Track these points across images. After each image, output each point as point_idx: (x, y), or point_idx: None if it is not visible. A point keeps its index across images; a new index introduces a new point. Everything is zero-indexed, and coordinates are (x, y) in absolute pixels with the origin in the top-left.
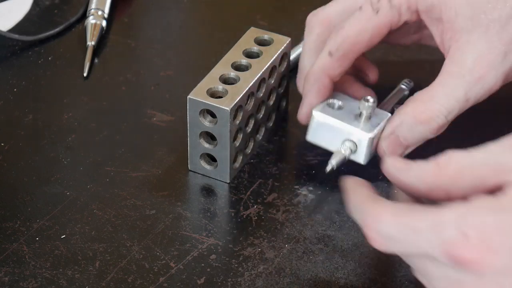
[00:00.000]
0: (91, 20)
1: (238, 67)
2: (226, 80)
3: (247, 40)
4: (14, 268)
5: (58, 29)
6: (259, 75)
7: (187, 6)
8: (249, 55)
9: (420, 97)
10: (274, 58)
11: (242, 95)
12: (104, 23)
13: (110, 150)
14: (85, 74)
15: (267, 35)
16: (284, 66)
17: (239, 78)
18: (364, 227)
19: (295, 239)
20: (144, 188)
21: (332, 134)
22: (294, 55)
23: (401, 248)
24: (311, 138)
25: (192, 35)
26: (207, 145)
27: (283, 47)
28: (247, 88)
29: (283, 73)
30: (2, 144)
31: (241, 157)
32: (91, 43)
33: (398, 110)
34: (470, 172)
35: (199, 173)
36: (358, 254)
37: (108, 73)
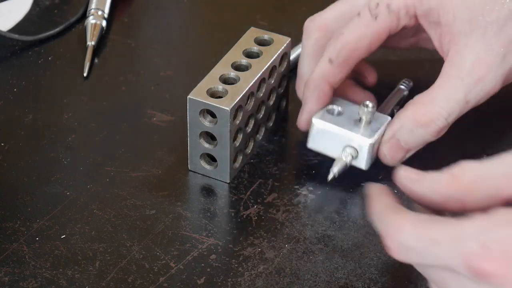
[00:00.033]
0: (91, 20)
1: (238, 67)
2: (226, 80)
3: (247, 40)
4: (14, 268)
5: (58, 29)
6: (259, 75)
7: (187, 6)
8: (249, 55)
9: (420, 100)
10: (274, 58)
11: (242, 95)
12: (104, 23)
13: (110, 150)
14: (85, 74)
15: (267, 35)
16: (284, 66)
17: (239, 78)
18: (384, 236)
19: (295, 239)
20: (144, 188)
21: (332, 141)
22: (294, 55)
23: (420, 259)
24: (311, 145)
25: (192, 35)
26: (207, 145)
27: (283, 47)
28: (247, 88)
29: (283, 73)
30: (2, 144)
31: (241, 157)
32: (91, 43)
33: (398, 114)
34: (485, 182)
35: (199, 173)
36: (358, 254)
37: (108, 73)
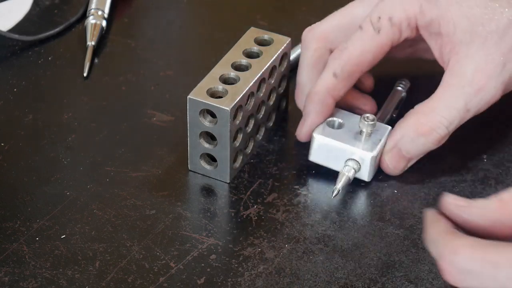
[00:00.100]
0: (91, 20)
1: (238, 67)
2: (226, 80)
3: (247, 40)
4: (14, 268)
5: (58, 29)
6: (259, 75)
7: (187, 6)
8: (249, 55)
9: (421, 109)
10: (274, 58)
11: (242, 95)
12: (104, 23)
13: (110, 150)
14: (85, 74)
15: (267, 35)
16: (284, 66)
17: (239, 78)
18: (440, 259)
19: (295, 239)
20: (144, 188)
21: (334, 155)
22: (294, 55)
23: (477, 283)
24: (313, 158)
25: (192, 35)
26: (207, 145)
27: (283, 47)
28: (247, 88)
29: (283, 73)
30: (2, 144)
31: (241, 157)
32: (91, 43)
33: (398, 124)
34: None
35: (199, 173)
36: (358, 254)
37: (108, 73)
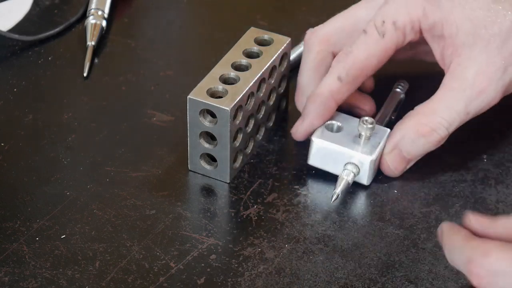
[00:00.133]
0: (91, 20)
1: (238, 67)
2: (226, 80)
3: (247, 40)
4: (14, 268)
5: (58, 29)
6: (259, 75)
7: (187, 6)
8: (249, 55)
9: (421, 110)
10: (274, 58)
11: (242, 95)
12: (104, 23)
13: (110, 150)
14: (85, 74)
15: (267, 35)
16: (284, 66)
17: (239, 78)
18: (469, 263)
19: (295, 239)
20: (144, 188)
21: (333, 158)
22: (294, 55)
23: (508, 283)
24: (312, 162)
25: (192, 35)
26: (207, 145)
27: (283, 47)
28: (247, 88)
29: (283, 73)
30: (2, 144)
31: (241, 157)
32: (91, 43)
33: (398, 125)
34: None
35: (199, 173)
36: (358, 254)
37: (108, 73)
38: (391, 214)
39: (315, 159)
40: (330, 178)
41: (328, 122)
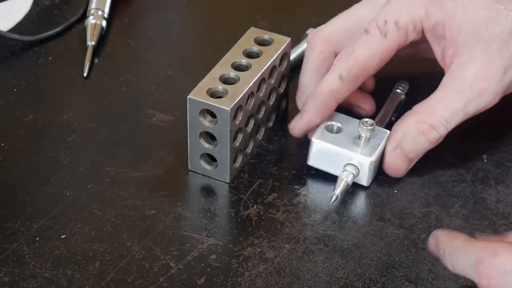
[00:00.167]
0: (91, 20)
1: (238, 67)
2: (226, 80)
3: (247, 40)
4: (14, 268)
5: (58, 29)
6: (259, 75)
7: (187, 6)
8: (249, 55)
9: (420, 109)
10: (274, 58)
11: (242, 95)
12: (104, 23)
13: (110, 150)
14: (85, 74)
15: (267, 35)
16: (284, 66)
17: (239, 78)
18: (477, 264)
19: (295, 239)
20: (144, 188)
21: (333, 159)
22: (294, 55)
23: None
24: (312, 163)
25: (192, 35)
26: (207, 145)
27: (283, 47)
28: (247, 88)
29: (283, 73)
30: (2, 144)
31: (241, 157)
32: (91, 43)
33: (398, 124)
34: None
35: (199, 173)
36: (358, 254)
37: (108, 73)
38: (391, 214)
39: (314, 160)
40: (330, 178)
41: (328, 123)
